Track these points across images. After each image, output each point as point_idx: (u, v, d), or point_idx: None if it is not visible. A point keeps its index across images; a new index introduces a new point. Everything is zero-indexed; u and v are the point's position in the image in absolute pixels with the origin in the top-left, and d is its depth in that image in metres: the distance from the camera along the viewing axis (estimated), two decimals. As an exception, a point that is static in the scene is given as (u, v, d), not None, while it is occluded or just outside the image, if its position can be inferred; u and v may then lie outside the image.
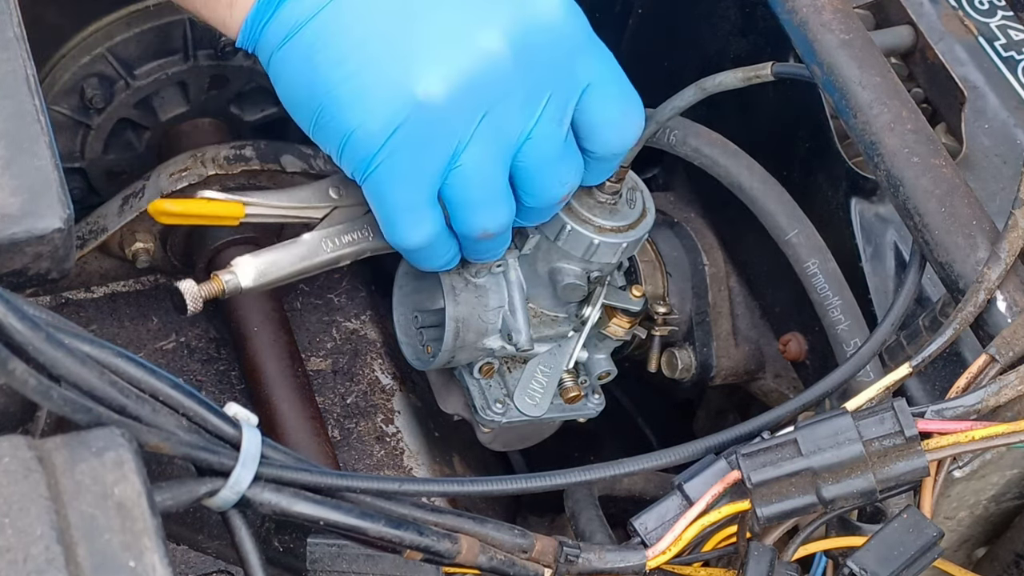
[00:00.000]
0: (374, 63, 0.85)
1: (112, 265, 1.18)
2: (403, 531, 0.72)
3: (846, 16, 0.93)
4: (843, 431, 0.75)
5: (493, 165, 0.88)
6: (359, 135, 0.86)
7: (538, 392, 1.07)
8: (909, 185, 0.86)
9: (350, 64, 0.85)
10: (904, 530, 0.75)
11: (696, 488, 0.77)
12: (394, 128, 0.85)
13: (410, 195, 0.88)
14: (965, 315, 0.81)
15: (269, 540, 0.78)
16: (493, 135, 0.87)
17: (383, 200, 0.89)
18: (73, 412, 0.61)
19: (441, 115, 0.85)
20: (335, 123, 0.86)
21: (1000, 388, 0.77)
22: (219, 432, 0.68)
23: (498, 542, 0.76)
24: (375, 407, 1.18)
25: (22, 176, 0.71)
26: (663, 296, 1.15)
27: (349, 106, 0.85)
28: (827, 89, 0.91)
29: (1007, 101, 1.05)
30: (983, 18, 1.10)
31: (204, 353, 1.17)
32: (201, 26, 1.13)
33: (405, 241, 0.91)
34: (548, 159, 0.89)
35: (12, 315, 0.59)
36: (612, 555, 0.77)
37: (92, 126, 1.15)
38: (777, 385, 1.18)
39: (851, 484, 0.75)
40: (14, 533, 0.57)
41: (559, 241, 1.00)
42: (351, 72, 0.85)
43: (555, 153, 0.89)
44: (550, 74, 0.87)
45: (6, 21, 0.76)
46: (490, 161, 0.88)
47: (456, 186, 0.88)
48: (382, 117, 0.85)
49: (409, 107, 0.84)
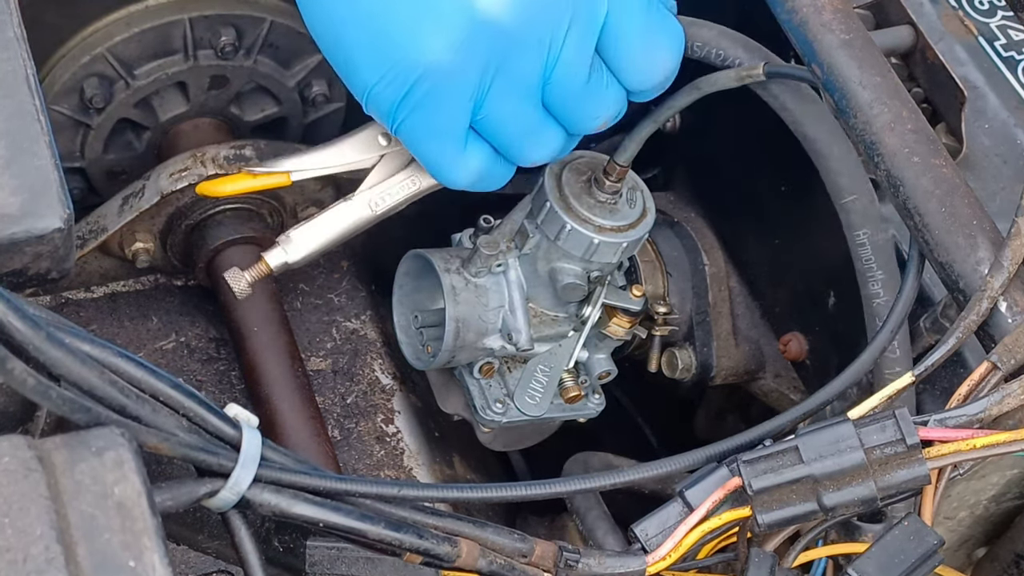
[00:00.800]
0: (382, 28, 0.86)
1: (112, 265, 1.18)
2: (403, 534, 0.72)
3: (846, 16, 0.93)
4: (844, 439, 0.75)
5: (517, 106, 0.89)
6: (378, 91, 0.87)
7: (538, 392, 1.07)
8: (909, 185, 0.86)
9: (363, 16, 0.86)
10: (905, 537, 0.74)
11: (697, 495, 0.77)
12: (407, 89, 0.86)
13: (443, 144, 0.89)
14: (968, 323, 0.81)
15: (269, 540, 0.78)
16: (509, 83, 0.87)
17: (418, 150, 0.91)
18: (73, 412, 0.61)
19: (450, 74, 0.86)
20: (354, 81, 0.88)
21: (1003, 397, 0.77)
22: (219, 433, 0.68)
23: (498, 546, 0.76)
24: (375, 407, 1.18)
25: (22, 176, 0.71)
26: (663, 296, 1.15)
27: (365, 66, 0.87)
28: (827, 89, 0.91)
29: (1007, 101, 1.05)
30: (983, 18, 1.10)
31: (204, 353, 1.17)
32: (201, 26, 1.13)
33: (455, 183, 0.92)
34: (573, 97, 0.89)
35: (12, 315, 0.59)
36: (612, 560, 0.77)
37: (92, 126, 1.15)
38: (777, 385, 1.18)
39: (852, 492, 0.75)
40: (14, 533, 0.57)
41: (559, 241, 1.00)
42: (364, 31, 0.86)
43: (579, 91, 0.89)
44: (559, 15, 0.87)
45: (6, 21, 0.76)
46: (512, 104, 0.89)
47: (488, 130, 0.90)
48: (395, 79, 0.86)
49: (419, 69, 0.86)
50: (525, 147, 0.91)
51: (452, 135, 0.89)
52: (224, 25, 1.13)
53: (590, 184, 1.00)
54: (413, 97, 0.87)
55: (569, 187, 1.00)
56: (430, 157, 0.91)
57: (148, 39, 1.12)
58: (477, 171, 0.92)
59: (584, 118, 0.91)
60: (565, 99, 0.90)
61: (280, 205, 1.16)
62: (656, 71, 0.91)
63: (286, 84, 1.18)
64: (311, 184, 1.16)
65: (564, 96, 0.89)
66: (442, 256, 1.04)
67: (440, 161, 0.91)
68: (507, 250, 1.03)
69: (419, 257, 1.05)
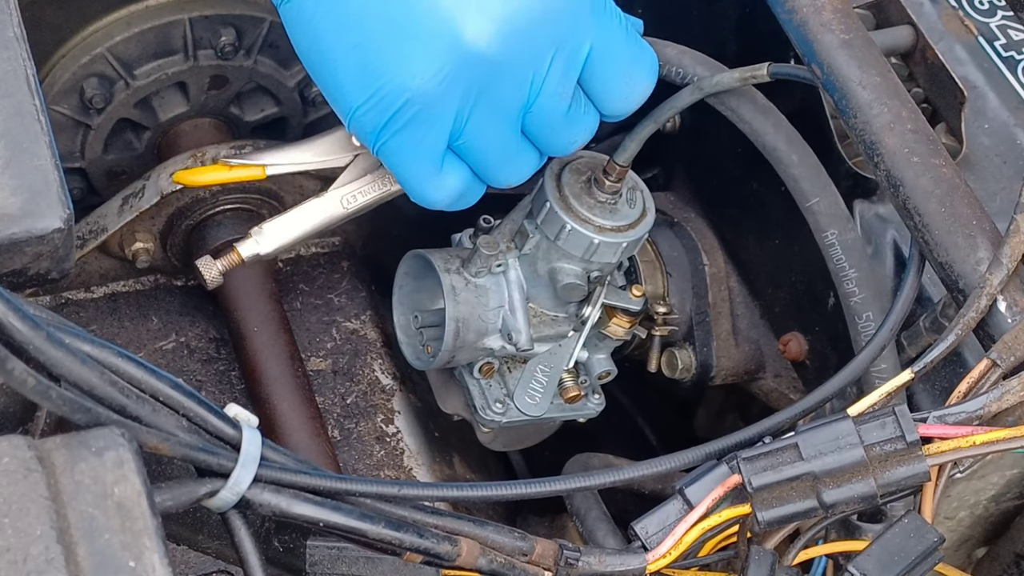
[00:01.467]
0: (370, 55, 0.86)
1: (112, 265, 1.18)
2: (403, 533, 0.72)
3: (846, 16, 0.93)
4: (844, 435, 0.75)
5: (496, 133, 0.90)
6: (361, 113, 0.88)
7: (538, 392, 1.07)
8: (909, 185, 0.86)
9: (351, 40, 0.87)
10: (905, 535, 0.74)
11: (697, 492, 0.77)
12: (391, 114, 0.87)
13: (421, 167, 0.90)
14: (967, 320, 0.81)
15: (269, 540, 0.78)
16: (491, 111, 0.89)
17: (397, 171, 0.91)
18: (73, 412, 0.61)
19: (434, 101, 0.87)
20: (338, 101, 0.89)
21: (1002, 394, 0.77)
22: (219, 433, 0.68)
23: (498, 545, 0.76)
24: (375, 407, 1.18)
25: (22, 176, 0.71)
26: (663, 296, 1.15)
27: (351, 89, 0.88)
28: (827, 89, 0.91)
29: (1007, 101, 1.05)
30: (983, 18, 1.10)
31: (204, 353, 1.17)
32: (201, 26, 1.13)
33: (431, 203, 0.93)
34: (553, 125, 0.91)
35: (12, 315, 0.59)
36: (612, 559, 0.77)
37: (92, 126, 1.15)
38: (777, 385, 1.18)
39: (852, 489, 0.75)
40: (14, 533, 0.57)
41: (559, 241, 1.00)
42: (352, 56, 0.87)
43: (559, 119, 0.91)
44: (544, 48, 0.88)
45: (6, 21, 0.76)
46: (492, 131, 0.90)
47: (467, 154, 0.91)
48: (379, 104, 0.87)
49: (405, 95, 0.86)
50: (501, 171, 0.93)
51: (430, 158, 0.90)
52: (224, 25, 1.14)
53: (590, 184, 1.00)
54: (397, 122, 0.88)
55: (569, 187, 1.00)
56: (408, 178, 0.92)
57: (148, 39, 1.12)
58: (452, 192, 0.93)
59: (561, 143, 0.93)
60: (544, 127, 0.91)
61: (280, 205, 1.17)
62: (633, 98, 0.94)
63: (286, 84, 1.19)
64: (311, 184, 1.16)
65: (544, 124, 0.91)
66: (442, 256, 1.04)
67: (418, 182, 0.92)
68: (507, 250, 1.03)
69: (419, 257, 1.05)
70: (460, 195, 0.93)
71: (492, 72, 0.87)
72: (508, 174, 0.93)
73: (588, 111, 0.93)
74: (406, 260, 1.07)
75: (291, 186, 1.16)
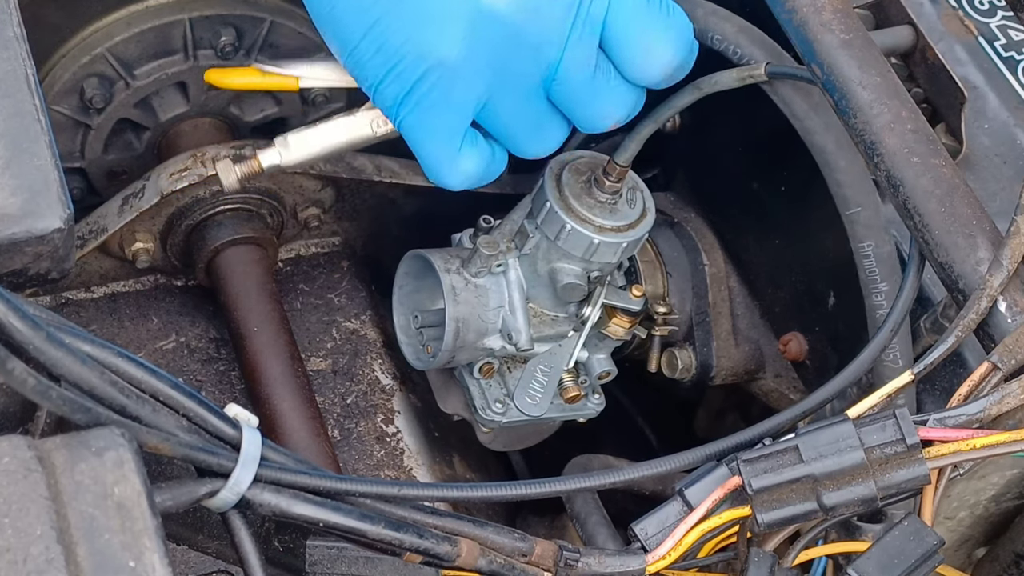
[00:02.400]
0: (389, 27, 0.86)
1: (112, 265, 1.18)
2: (403, 533, 0.72)
3: (846, 16, 0.93)
4: (844, 438, 0.75)
5: (522, 101, 0.90)
6: (384, 86, 0.88)
7: (538, 392, 1.07)
8: (909, 185, 0.86)
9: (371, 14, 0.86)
10: (905, 537, 0.74)
11: (697, 494, 0.77)
12: (411, 84, 0.87)
13: (440, 145, 0.90)
14: (967, 322, 0.81)
15: (269, 540, 0.78)
16: (513, 78, 0.88)
17: (417, 148, 0.91)
18: (73, 412, 0.61)
19: (454, 68, 0.86)
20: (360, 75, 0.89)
21: (1002, 397, 0.77)
22: (219, 433, 0.68)
23: (498, 545, 0.76)
24: (375, 407, 1.18)
25: (22, 176, 0.71)
26: (663, 296, 1.15)
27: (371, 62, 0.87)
28: (827, 89, 0.91)
29: (1007, 101, 1.05)
30: (983, 18, 1.10)
31: (204, 353, 1.17)
32: (201, 26, 1.13)
33: (449, 184, 0.93)
34: (579, 93, 0.90)
35: (12, 315, 0.59)
36: (612, 560, 0.77)
37: (92, 126, 1.15)
38: (777, 385, 1.18)
39: (852, 491, 0.75)
40: (14, 533, 0.57)
41: (559, 241, 1.00)
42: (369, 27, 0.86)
43: (584, 86, 0.90)
44: (562, 9, 0.87)
45: (6, 21, 0.76)
46: (517, 99, 0.90)
47: (493, 127, 0.91)
48: (400, 74, 0.87)
49: (424, 64, 0.86)
50: (528, 141, 0.93)
51: (451, 136, 0.90)
52: (224, 25, 1.14)
53: (590, 184, 1.00)
54: (417, 92, 0.87)
55: (569, 187, 1.00)
56: (427, 157, 0.91)
57: (148, 39, 1.13)
58: (470, 174, 0.92)
59: (593, 116, 0.92)
60: (571, 95, 0.90)
61: (280, 205, 1.17)
62: (655, 65, 0.90)
63: (286, 84, 1.18)
64: (311, 184, 1.16)
65: (570, 92, 0.90)
66: (442, 256, 1.04)
67: (436, 162, 0.91)
68: (507, 250, 1.03)
69: (419, 257, 1.05)
70: (477, 176, 0.93)
71: (511, 37, 0.87)
72: (536, 144, 0.93)
73: (616, 81, 0.91)
74: (406, 260, 1.07)
75: (291, 186, 1.17)
